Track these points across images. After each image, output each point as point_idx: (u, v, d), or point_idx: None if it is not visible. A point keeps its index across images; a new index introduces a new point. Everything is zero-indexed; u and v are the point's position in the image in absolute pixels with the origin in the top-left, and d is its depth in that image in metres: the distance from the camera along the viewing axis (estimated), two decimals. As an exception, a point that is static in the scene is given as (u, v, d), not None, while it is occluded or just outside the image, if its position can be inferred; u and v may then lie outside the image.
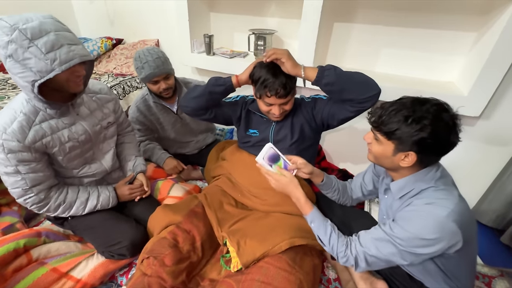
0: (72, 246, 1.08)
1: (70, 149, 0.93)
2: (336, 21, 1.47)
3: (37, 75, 0.73)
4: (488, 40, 1.12)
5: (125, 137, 1.25)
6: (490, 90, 1.15)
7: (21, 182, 0.86)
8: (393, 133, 0.68)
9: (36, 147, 0.84)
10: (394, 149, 0.70)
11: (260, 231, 0.94)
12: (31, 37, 0.70)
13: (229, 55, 1.68)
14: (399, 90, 1.29)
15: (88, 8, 2.20)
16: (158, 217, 1.05)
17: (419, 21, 1.30)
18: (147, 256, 0.90)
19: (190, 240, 0.95)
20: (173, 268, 0.86)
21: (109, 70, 1.94)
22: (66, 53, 0.75)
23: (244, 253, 0.87)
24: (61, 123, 0.90)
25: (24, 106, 0.83)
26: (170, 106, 1.41)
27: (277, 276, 0.80)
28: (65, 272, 0.96)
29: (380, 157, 0.76)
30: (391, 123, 0.68)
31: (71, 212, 0.99)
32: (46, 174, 0.91)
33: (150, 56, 1.21)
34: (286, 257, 0.85)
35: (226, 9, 1.74)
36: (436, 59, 1.35)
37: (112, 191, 1.08)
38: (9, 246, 0.93)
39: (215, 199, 1.08)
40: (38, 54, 0.71)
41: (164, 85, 1.27)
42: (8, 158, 0.81)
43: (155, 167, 1.42)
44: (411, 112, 0.66)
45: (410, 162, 0.70)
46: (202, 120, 1.18)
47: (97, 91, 1.05)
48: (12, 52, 0.70)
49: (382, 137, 0.72)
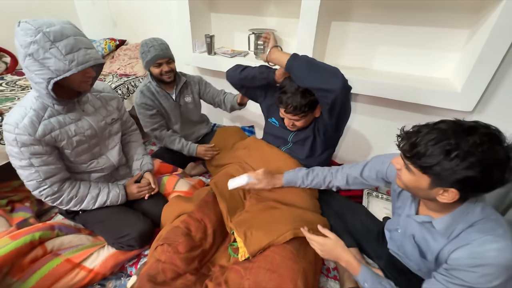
0: (83, 239, 1.13)
1: (78, 143, 0.99)
2: (334, 20, 1.51)
3: (54, 73, 0.81)
4: (480, 37, 1.16)
5: (130, 136, 1.30)
6: (482, 86, 1.19)
7: (35, 174, 0.92)
8: (430, 167, 0.58)
9: (46, 140, 0.90)
10: (431, 183, 0.61)
11: (266, 222, 0.98)
12: (53, 40, 0.78)
13: (230, 55, 1.73)
14: (396, 86, 1.35)
15: (90, 9, 2.25)
16: (172, 206, 1.12)
17: (414, 19, 1.34)
18: (161, 243, 0.95)
19: (202, 228, 1.01)
20: (186, 255, 0.92)
21: (113, 70, 1.99)
22: (83, 55, 0.83)
23: (251, 243, 0.92)
24: (68, 119, 0.96)
25: (33, 103, 0.89)
26: (169, 93, 1.50)
27: (282, 265, 0.85)
28: (78, 263, 1.02)
29: (413, 188, 0.67)
30: (428, 157, 0.58)
31: (82, 206, 1.05)
32: (58, 167, 0.97)
33: (156, 42, 1.35)
34: (291, 247, 0.90)
35: (226, 9, 1.78)
36: (431, 56, 1.39)
37: (122, 189, 1.13)
38: (25, 238, 0.99)
39: (225, 188, 1.12)
40: (58, 55, 0.79)
41: (166, 68, 1.38)
42: (21, 151, 0.87)
43: (161, 162, 1.47)
44: (454, 145, 0.55)
45: (450, 199, 0.61)
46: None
47: (101, 90, 1.12)
48: (33, 51, 0.77)
49: (416, 169, 0.62)
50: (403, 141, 0.64)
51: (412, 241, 0.80)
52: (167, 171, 1.45)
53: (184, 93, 1.55)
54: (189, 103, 1.57)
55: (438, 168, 0.57)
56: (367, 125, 1.67)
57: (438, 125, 0.60)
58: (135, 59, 2.03)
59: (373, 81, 1.39)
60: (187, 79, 1.55)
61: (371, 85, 1.40)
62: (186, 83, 1.54)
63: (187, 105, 1.57)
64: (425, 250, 0.76)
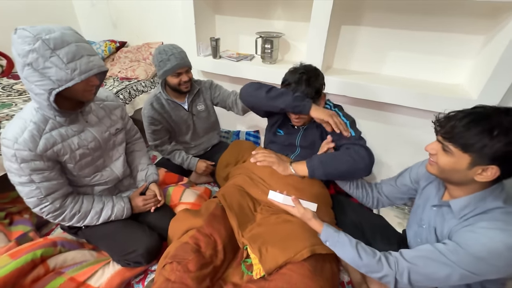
0: (87, 255, 1.08)
1: (81, 156, 0.94)
2: (344, 24, 1.46)
3: (56, 83, 0.75)
4: (497, 43, 1.13)
5: (134, 145, 1.25)
6: (500, 93, 1.15)
7: (36, 191, 0.86)
8: (472, 145, 0.62)
9: (47, 155, 0.85)
10: (471, 162, 0.63)
11: (281, 238, 0.94)
12: (53, 47, 0.72)
13: (236, 58, 1.68)
14: (406, 93, 1.32)
15: (90, 11, 2.18)
16: (179, 221, 1.06)
17: (426, 24, 1.30)
18: (170, 261, 0.90)
19: (212, 244, 0.95)
20: (197, 274, 0.87)
21: (114, 74, 1.93)
22: (86, 63, 0.77)
23: (266, 261, 0.88)
24: (70, 131, 0.90)
25: (33, 115, 0.84)
26: (181, 104, 1.44)
27: (299, 283, 0.81)
28: (83, 281, 0.97)
29: (449, 171, 0.69)
30: (470, 135, 0.61)
31: (85, 222, 1.00)
32: (60, 182, 0.92)
33: (175, 49, 1.28)
34: (308, 264, 0.86)
35: (231, 11, 1.73)
36: (443, 62, 1.35)
37: (127, 203, 1.08)
38: (26, 257, 0.94)
39: (234, 201, 1.07)
40: (59, 64, 0.73)
41: (185, 78, 1.32)
42: (21, 167, 0.82)
43: (166, 172, 1.42)
44: (496, 122, 0.60)
45: (490, 177, 0.63)
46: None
47: (104, 98, 1.05)
48: (32, 60, 0.72)
49: (456, 149, 0.65)
50: (442, 125, 0.67)
51: (434, 234, 0.79)
52: (173, 181, 1.40)
53: (197, 102, 1.49)
54: (202, 112, 1.51)
55: (480, 145, 0.60)
56: (376, 130, 1.63)
57: (475, 109, 0.64)
58: (136, 62, 1.97)
59: (383, 87, 1.35)
60: (200, 86, 1.48)
61: (381, 90, 1.36)
62: (198, 91, 1.47)
63: (200, 113, 1.51)
64: (440, 238, 0.76)
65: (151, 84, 1.91)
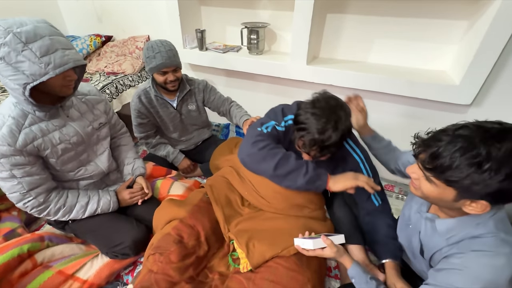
0: (75, 248, 1.09)
1: (63, 151, 0.94)
2: (329, 12, 1.45)
3: (30, 78, 0.74)
4: (479, 28, 1.13)
5: (120, 139, 1.25)
6: (481, 78, 1.16)
7: (18, 186, 0.86)
8: (457, 182, 0.53)
9: (28, 150, 0.85)
10: (457, 195, 0.56)
11: (268, 233, 0.95)
12: (25, 41, 0.71)
13: (222, 50, 1.66)
14: (392, 80, 1.32)
15: (74, 5, 2.13)
16: (163, 210, 1.07)
17: (411, 10, 1.29)
18: (152, 252, 0.91)
19: (194, 235, 0.96)
20: (179, 264, 0.88)
21: (100, 68, 1.90)
22: (61, 57, 0.76)
23: (254, 256, 0.90)
24: (51, 126, 0.90)
25: (12, 110, 0.83)
26: (170, 101, 1.42)
27: (286, 276, 0.83)
28: (71, 274, 0.98)
29: (434, 199, 0.62)
30: (455, 170, 0.52)
31: (71, 216, 1.00)
32: (43, 177, 0.91)
33: (163, 47, 1.23)
34: (294, 257, 0.88)
35: (217, 2, 1.70)
36: (428, 48, 1.35)
37: (113, 196, 1.08)
38: (13, 252, 0.94)
39: (221, 194, 1.07)
40: (32, 58, 0.72)
41: (172, 77, 1.29)
42: (1, 162, 0.82)
43: (154, 165, 1.42)
44: (485, 155, 0.49)
45: (480, 211, 0.55)
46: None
47: (86, 92, 1.04)
48: (4, 54, 0.70)
49: (439, 181, 0.56)
50: (421, 150, 0.57)
51: (417, 237, 0.78)
52: (161, 174, 1.40)
53: (188, 101, 1.47)
54: (193, 111, 1.50)
55: (468, 182, 0.51)
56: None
57: (460, 132, 0.53)
58: (123, 56, 1.94)
59: (369, 76, 1.35)
60: (192, 87, 1.45)
61: (368, 79, 1.36)
62: (190, 91, 1.45)
63: (190, 113, 1.50)
64: (425, 247, 0.75)
65: (138, 78, 1.89)
